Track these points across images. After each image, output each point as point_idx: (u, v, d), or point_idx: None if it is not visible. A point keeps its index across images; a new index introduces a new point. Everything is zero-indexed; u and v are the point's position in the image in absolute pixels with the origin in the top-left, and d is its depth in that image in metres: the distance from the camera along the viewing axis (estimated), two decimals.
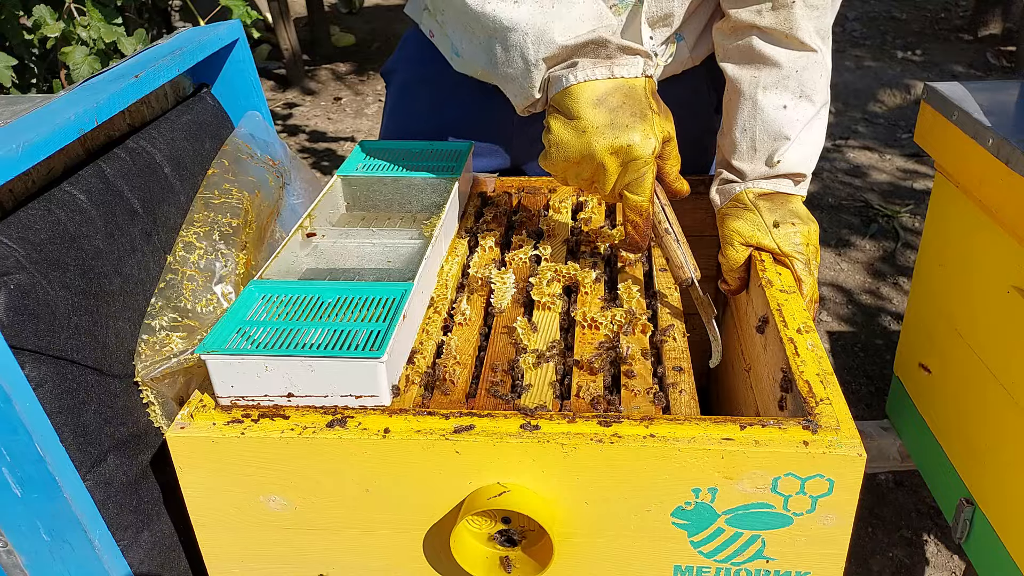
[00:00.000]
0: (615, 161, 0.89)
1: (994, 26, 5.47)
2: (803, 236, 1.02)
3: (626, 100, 0.88)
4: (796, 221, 1.03)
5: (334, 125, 4.68)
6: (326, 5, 6.11)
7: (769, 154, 1.05)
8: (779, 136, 1.04)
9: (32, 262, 0.77)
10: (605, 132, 0.87)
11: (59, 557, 0.80)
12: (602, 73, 0.88)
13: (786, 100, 1.04)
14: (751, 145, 1.06)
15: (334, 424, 0.76)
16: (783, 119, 1.04)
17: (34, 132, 0.79)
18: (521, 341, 0.92)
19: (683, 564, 0.78)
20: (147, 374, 0.88)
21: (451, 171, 1.13)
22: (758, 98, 1.05)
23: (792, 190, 1.07)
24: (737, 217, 1.05)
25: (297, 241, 1.02)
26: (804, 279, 1.00)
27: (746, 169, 1.07)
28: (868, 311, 2.88)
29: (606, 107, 0.87)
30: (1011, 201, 1.17)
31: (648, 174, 0.89)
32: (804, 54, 1.03)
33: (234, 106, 1.22)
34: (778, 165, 1.05)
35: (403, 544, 0.80)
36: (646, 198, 0.91)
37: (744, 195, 1.06)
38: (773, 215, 1.03)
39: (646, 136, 0.87)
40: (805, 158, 1.06)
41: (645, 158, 0.88)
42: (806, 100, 1.05)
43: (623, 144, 0.87)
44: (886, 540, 2.01)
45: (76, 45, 1.90)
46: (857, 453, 0.71)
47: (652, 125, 0.88)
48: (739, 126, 1.07)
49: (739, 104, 1.07)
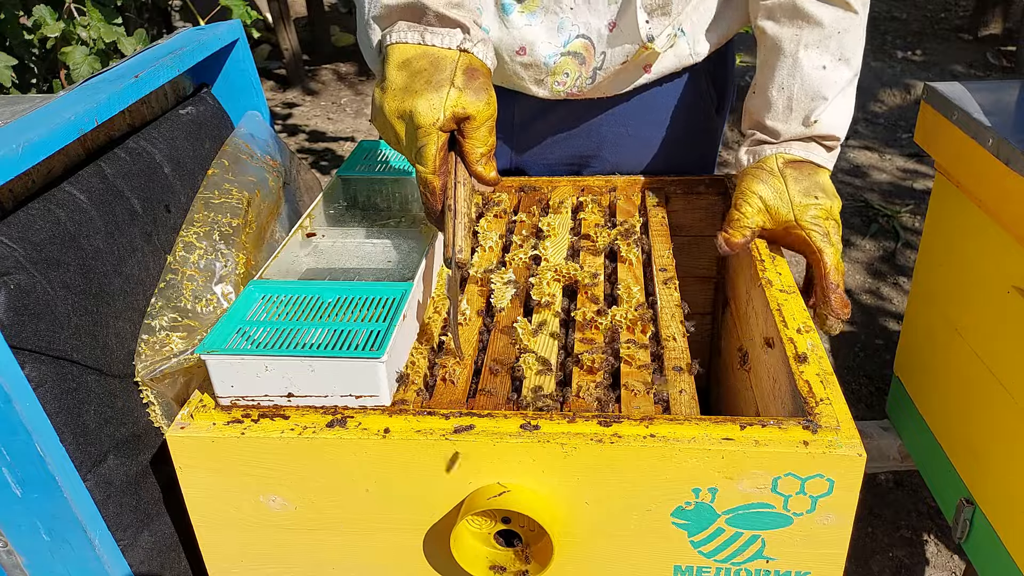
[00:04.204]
0: (402, 125, 0.88)
1: (994, 26, 5.46)
2: (823, 210, 1.00)
3: (428, 68, 0.88)
4: (820, 195, 1.01)
5: (334, 125, 4.68)
6: (326, 5, 6.11)
7: (806, 114, 1.04)
8: (817, 96, 1.03)
9: (32, 262, 0.77)
10: (397, 95, 0.87)
11: (59, 557, 0.80)
12: (413, 38, 0.89)
13: (826, 61, 1.03)
14: (787, 104, 1.05)
15: (334, 424, 0.76)
16: (822, 79, 1.03)
17: (34, 132, 0.79)
18: (521, 341, 0.92)
19: (683, 564, 0.78)
20: (147, 374, 0.88)
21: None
22: (799, 56, 1.03)
23: (823, 160, 1.05)
24: (761, 181, 1.03)
25: (297, 241, 1.02)
26: (824, 249, 0.98)
27: (780, 129, 1.05)
28: (868, 311, 2.88)
29: (408, 71, 0.88)
30: (1011, 201, 1.17)
31: (429, 145, 0.87)
32: (847, 15, 1.02)
33: (234, 106, 1.22)
34: (815, 125, 1.03)
35: (403, 544, 0.80)
36: (428, 169, 0.88)
37: (774, 160, 1.05)
38: (798, 185, 1.02)
39: (430, 105, 0.85)
40: (841, 120, 1.05)
41: (425, 128, 0.86)
42: (844, 63, 1.03)
43: (406, 109, 0.87)
44: (886, 540, 2.01)
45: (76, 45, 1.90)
46: (857, 453, 0.71)
47: (444, 97, 0.86)
48: (776, 84, 1.05)
49: (778, 62, 1.05)
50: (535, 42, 1.12)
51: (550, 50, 1.12)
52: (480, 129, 0.89)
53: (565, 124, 1.26)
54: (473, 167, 0.91)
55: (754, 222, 1.02)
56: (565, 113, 1.25)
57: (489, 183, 0.92)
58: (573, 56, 1.13)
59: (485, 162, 0.91)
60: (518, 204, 1.25)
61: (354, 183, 1.13)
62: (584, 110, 1.24)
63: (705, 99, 1.27)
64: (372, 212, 1.12)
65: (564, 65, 1.13)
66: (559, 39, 1.12)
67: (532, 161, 1.32)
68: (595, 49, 1.12)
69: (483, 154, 0.90)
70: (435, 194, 0.90)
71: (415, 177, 0.92)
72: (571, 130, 1.27)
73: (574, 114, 1.25)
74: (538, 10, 1.10)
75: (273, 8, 4.84)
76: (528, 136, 1.28)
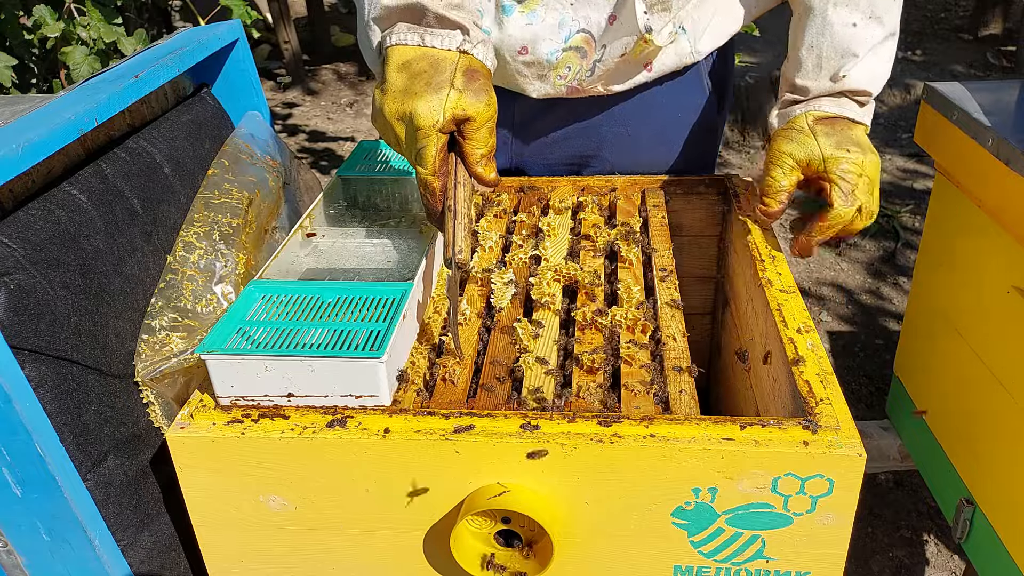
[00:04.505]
0: (402, 127, 0.88)
1: (994, 26, 5.46)
2: (855, 165, 0.98)
3: (428, 69, 0.87)
4: (852, 148, 0.99)
5: (334, 125, 4.68)
6: (326, 5, 6.11)
7: (835, 71, 1.03)
8: (847, 53, 1.02)
9: (32, 262, 0.77)
10: (397, 97, 0.87)
11: (59, 557, 0.80)
12: (413, 39, 0.89)
13: (856, 18, 1.02)
14: (817, 63, 1.04)
15: (334, 424, 0.76)
16: (852, 36, 1.02)
17: (34, 132, 0.79)
18: (521, 341, 0.92)
19: (683, 564, 0.78)
20: (147, 374, 0.88)
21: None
22: (828, 13, 1.03)
23: (857, 114, 1.03)
24: (790, 140, 1.02)
25: (297, 241, 1.02)
26: (837, 206, 0.98)
27: (810, 85, 1.05)
28: (868, 311, 2.88)
29: (408, 73, 0.88)
30: (1011, 201, 1.17)
31: (429, 146, 0.86)
32: None
33: (234, 106, 1.22)
34: (843, 80, 1.02)
35: (403, 544, 0.80)
36: (428, 171, 0.88)
37: (804, 118, 1.03)
38: (829, 140, 1.00)
39: (430, 107, 0.85)
40: (873, 77, 1.03)
41: (425, 129, 0.86)
42: (876, 21, 1.02)
43: (407, 111, 0.87)
44: (886, 540, 2.01)
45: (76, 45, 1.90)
46: (857, 453, 0.71)
47: (444, 98, 0.86)
48: (806, 43, 1.04)
49: (808, 21, 1.04)
50: (536, 40, 1.12)
51: (552, 47, 1.12)
52: (480, 130, 0.89)
53: (565, 124, 1.26)
54: (473, 168, 0.91)
55: (788, 183, 1.02)
56: (565, 113, 1.25)
57: (489, 184, 0.92)
58: (575, 51, 1.13)
59: (485, 163, 0.91)
60: (518, 204, 1.25)
61: (354, 183, 1.13)
62: (584, 110, 1.24)
63: (705, 99, 1.27)
64: (372, 212, 1.12)
65: (566, 60, 1.14)
66: (560, 35, 1.12)
67: (532, 161, 1.32)
68: (596, 43, 1.12)
69: (483, 155, 0.90)
70: (435, 195, 0.90)
71: (415, 178, 0.92)
72: (571, 130, 1.27)
73: (574, 114, 1.25)
74: (538, 8, 1.11)
75: (273, 8, 4.84)
76: (528, 136, 1.28)
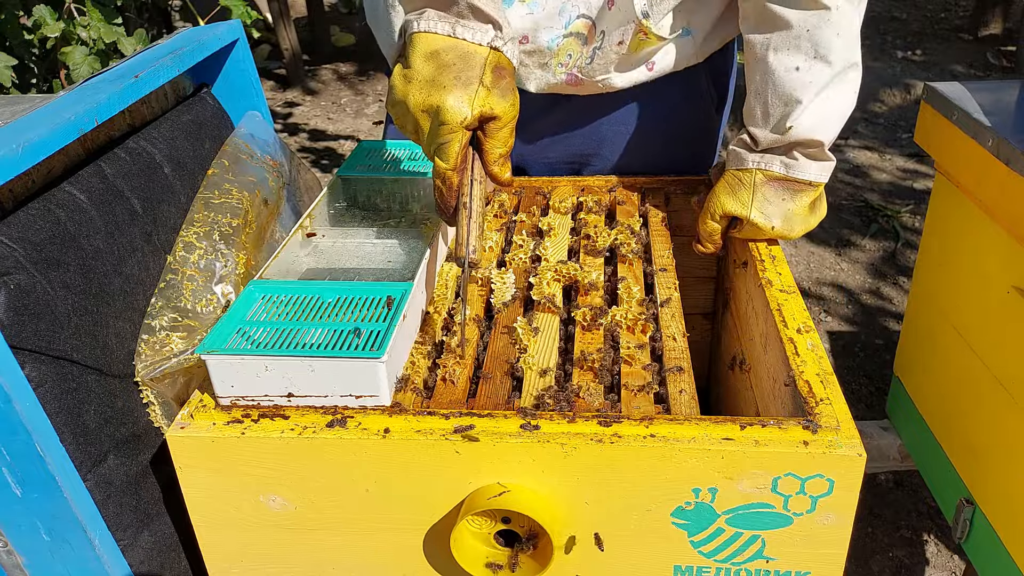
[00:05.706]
0: (426, 119, 0.87)
1: (994, 26, 5.46)
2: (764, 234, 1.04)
3: (458, 62, 0.85)
4: (777, 224, 1.03)
5: (334, 125, 4.68)
6: (326, 5, 6.10)
7: (780, 119, 1.01)
8: (790, 100, 1.00)
9: (32, 262, 0.77)
10: (423, 87, 0.85)
11: (59, 557, 0.80)
12: (444, 29, 0.86)
13: (798, 61, 1.00)
14: (764, 111, 1.03)
15: (334, 424, 0.76)
16: (795, 81, 1.00)
17: (34, 132, 0.79)
18: (521, 341, 0.92)
19: (683, 564, 0.78)
20: (147, 374, 0.88)
21: None
22: (769, 60, 1.02)
23: (809, 174, 1.03)
24: (731, 191, 1.05)
25: (297, 241, 1.02)
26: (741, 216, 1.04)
27: (759, 136, 1.04)
28: (868, 311, 2.88)
29: (435, 63, 0.85)
30: (1011, 201, 1.17)
31: (453, 142, 0.85)
32: (815, 12, 0.99)
33: (234, 106, 1.22)
34: (790, 132, 1.01)
35: (403, 544, 0.80)
36: (449, 166, 0.86)
37: (752, 175, 1.04)
38: (764, 208, 1.03)
39: (459, 102, 0.83)
40: (821, 122, 1.01)
41: (452, 125, 0.84)
42: (821, 61, 1.00)
43: (434, 104, 0.85)
44: (886, 540, 2.01)
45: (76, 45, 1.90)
46: (857, 453, 0.71)
47: (472, 95, 0.84)
48: (753, 90, 1.04)
49: (754, 67, 1.04)
50: (537, 28, 1.11)
51: (552, 34, 1.12)
52: (503, 130, 0.88)
53: (565, 123, 1.26)
54: (490, 167, 0.91)
55: (720, 228, 1.08)
56: (566, 112, 1.25)
57: (504, 184, 0.92)
58: (575, 36, 1.12)
59: (503, 163, 0.91)
60: (518, 204, 1.25)
61: (354, 183, 1.13)
62: (584, 109, 1.24)
63: (705, 99, 1.27)
64: (372, 212, 1.12)
65: (567, 47, 1.13)
66: (560, 21, 1.11)
67: (532, 160, 1.32)
68: (596, 28, 1.12)
69: (502, 155, 0.90)
70: (452, 190, 0.89)
71: (432, 171, 0.90)
72: (571, 129, 1.27)
73: (574, 113, 1.25)
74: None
75: (273, 8, 4.83)
76: (528, 135, 1.28)
